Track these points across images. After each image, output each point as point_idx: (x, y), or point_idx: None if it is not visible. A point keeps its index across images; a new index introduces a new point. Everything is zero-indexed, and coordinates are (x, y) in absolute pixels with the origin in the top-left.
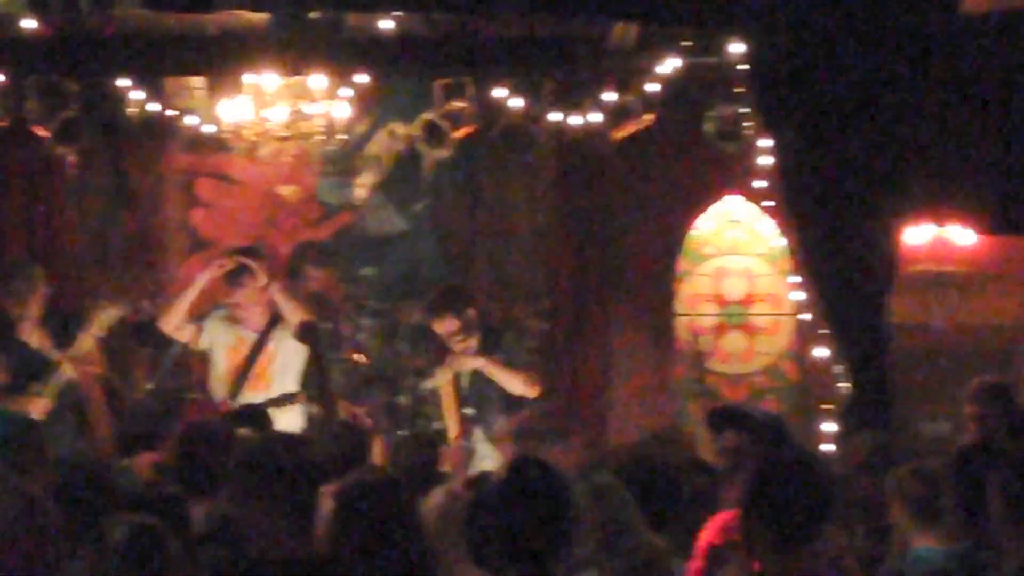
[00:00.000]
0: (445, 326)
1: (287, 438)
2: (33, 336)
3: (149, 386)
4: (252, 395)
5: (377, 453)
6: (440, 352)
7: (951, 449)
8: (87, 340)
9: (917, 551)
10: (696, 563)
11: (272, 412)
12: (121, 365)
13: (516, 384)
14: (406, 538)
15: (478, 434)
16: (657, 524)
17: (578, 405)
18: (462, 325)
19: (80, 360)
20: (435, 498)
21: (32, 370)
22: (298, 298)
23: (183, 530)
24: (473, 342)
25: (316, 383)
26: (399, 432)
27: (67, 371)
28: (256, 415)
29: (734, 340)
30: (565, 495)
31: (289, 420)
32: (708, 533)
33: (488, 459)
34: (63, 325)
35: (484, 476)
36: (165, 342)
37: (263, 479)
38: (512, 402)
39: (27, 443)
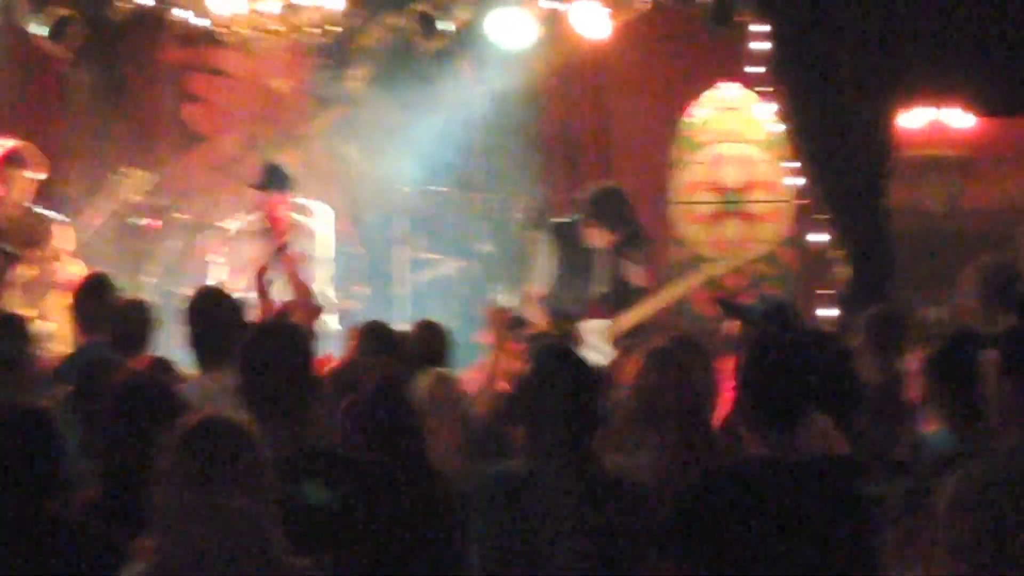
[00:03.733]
0: (605, 236)
1: (282, 328)
2: None
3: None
4: None
5: None
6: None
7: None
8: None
9: (929, 434)
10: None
11: None
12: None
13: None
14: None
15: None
16: None
17: None
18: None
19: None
20: (425, 380)
21: None
22: None
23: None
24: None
25: None
26: None
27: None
28: None
29: (732, 227)
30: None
31: None
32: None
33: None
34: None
35: None
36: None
37: (260, 371)
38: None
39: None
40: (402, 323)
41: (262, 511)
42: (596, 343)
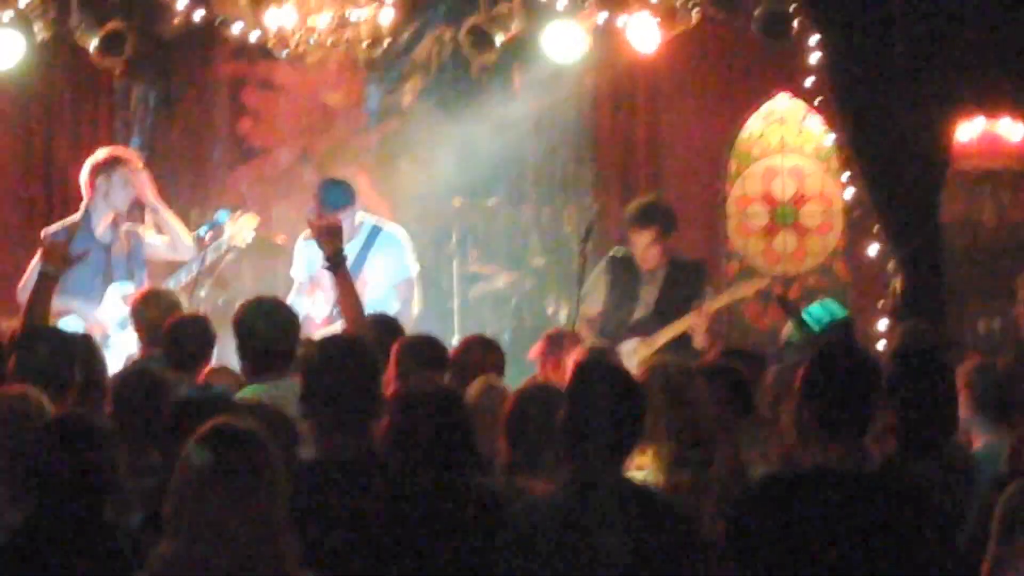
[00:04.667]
0: (643, 238)
1: (352, 341)
2: None
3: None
4: None
5: None
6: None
7: (1005, 345)
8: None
9: (983, 445)
10: None
11: None
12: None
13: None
14: (460, 447)
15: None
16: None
17: None
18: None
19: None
20: (474, 388)
21: None
22: None
23: None
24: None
25: None
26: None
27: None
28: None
29: (785, 240)
30: (637, 393)
31: None
32: None
33: None
34: None
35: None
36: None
37: (327, 381)
38: None
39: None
40: (454, 337)
41: (273, 520)
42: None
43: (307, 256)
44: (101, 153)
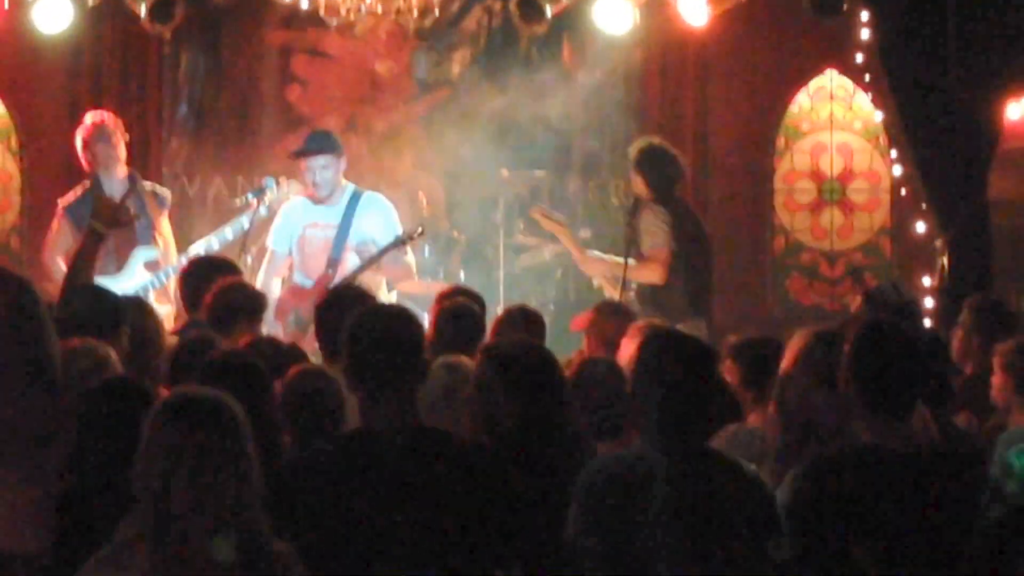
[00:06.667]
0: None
1: (394, 310)
2: None
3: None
4: None
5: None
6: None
7: None
8: None
9: (1020, 426)
10: None
11: None
12: None
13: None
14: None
15: None
16: None
17: None
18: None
19: None
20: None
21: None
22: None
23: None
24: None
25: None
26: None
27: None
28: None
29: (831, 216)
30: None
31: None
32: None
33: None
34: None
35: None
36: None
37: (368, 350)
38: None
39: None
40: (499, 307)
41: (243, 489)
42: None
43: (294, 221)
44: (88, 120)
